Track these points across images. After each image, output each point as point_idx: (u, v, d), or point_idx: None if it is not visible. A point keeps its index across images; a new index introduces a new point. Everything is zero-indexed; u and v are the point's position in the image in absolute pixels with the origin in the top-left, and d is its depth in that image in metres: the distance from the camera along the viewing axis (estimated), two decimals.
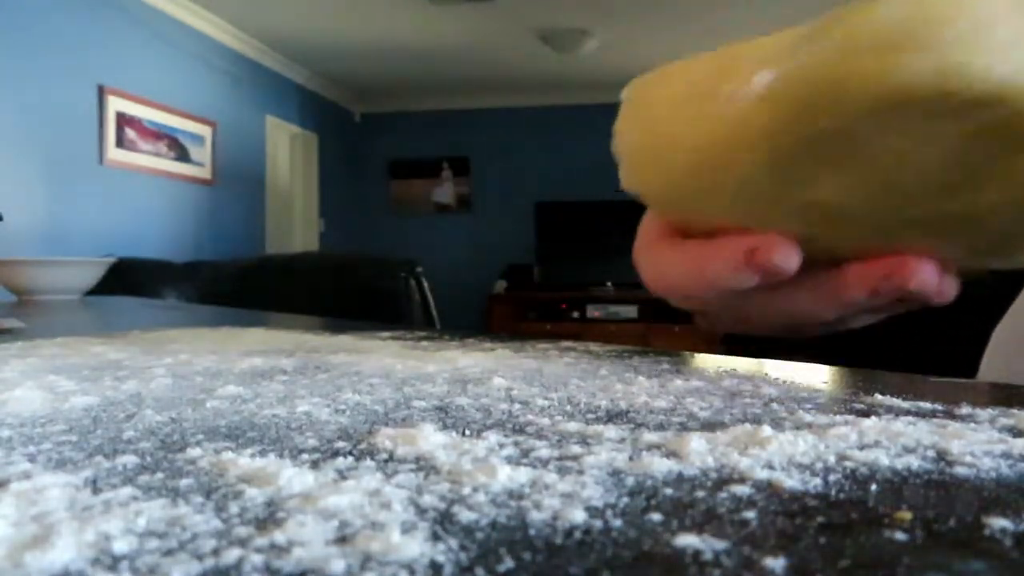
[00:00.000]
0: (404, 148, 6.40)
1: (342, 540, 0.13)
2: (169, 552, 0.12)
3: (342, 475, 0.17)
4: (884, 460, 0.19)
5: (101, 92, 3.89)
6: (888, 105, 0.21)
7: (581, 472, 0.18)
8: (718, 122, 0.24)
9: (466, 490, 0.16)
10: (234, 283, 2.45)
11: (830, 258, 0.26)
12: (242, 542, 0.13)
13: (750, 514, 0.15)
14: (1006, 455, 0.19)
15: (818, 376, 0.34)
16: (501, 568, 0.12)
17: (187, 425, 0.23)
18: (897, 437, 0.21)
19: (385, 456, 0.19)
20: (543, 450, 0.20)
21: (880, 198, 0.24)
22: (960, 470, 0.18)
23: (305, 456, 0.19)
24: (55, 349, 0.44)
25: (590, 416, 0.24)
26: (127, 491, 0.16)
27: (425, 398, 0.28)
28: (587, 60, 5.23)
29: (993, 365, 0.50)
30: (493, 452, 0.19)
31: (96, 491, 0.16)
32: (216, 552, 0.12)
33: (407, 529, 0.14)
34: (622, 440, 0.21)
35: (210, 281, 2.55)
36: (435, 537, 0.13)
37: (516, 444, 0.20)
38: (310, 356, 0.40)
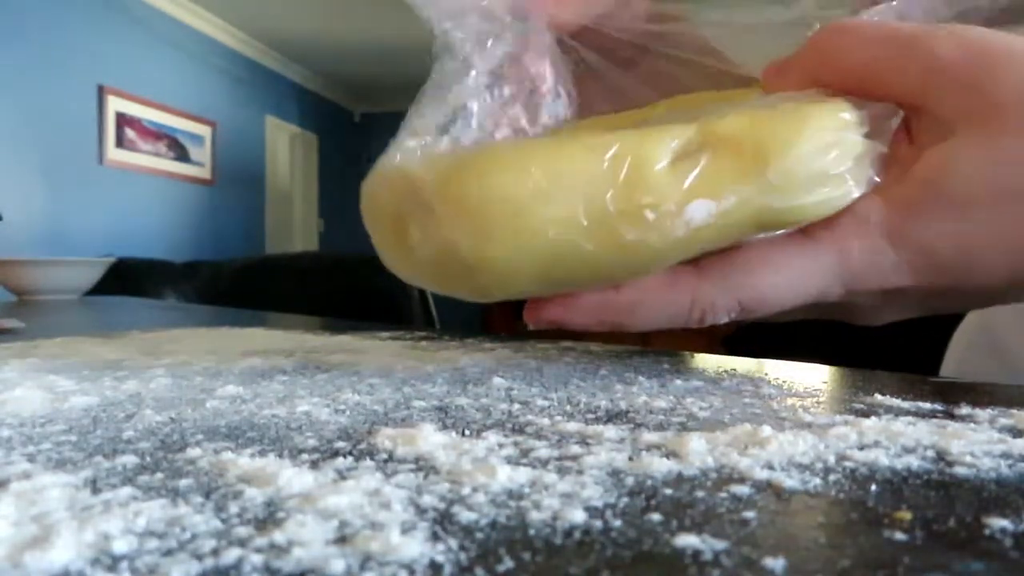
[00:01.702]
0: None
1: (342, 540, 0.13)
2: (169, 552, 0.12)
3: (342, 475, 0.17)
4: (884, 460, 0.19)
5: (101, 92, 3.89)
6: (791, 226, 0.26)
7: (581, 472, 0.18)
8: (631, 247, 0.24)
9: (466, 490, 0.16)
10: (234, 283, 2.45)
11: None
12: (242, 542, 0.13)
13: (750, 514, 0.15)
14: (1006, 455, 0.19)
15: (818, 376, 0.34)
16: (501, 568, 0.12)
17: (187, 425, 0.23)
18: (897, 437, 0.21)
19: (385, 456, 0.19)
20: (543, 450, 0.20)
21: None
22: (960, 470, 0.18)
23: (305, 456, 0.19)
24: (55, 349, 0.44)
25: (590, 416, 0.24)
26: (127, 491, 0.16)
27: (425, 398, 0.28)
28: None
29: (952, 366, 0.51)
30: (493, 452, 0.19)
31: (96, 491, 0.16)
32: (216, 552, 0.12)
33: (407, 529, 0.14)
34: (622, 440, 0.21)
35: (210, 281, 2.55)
36: (435, 537, 0.13)
37: (516, 444, 0.20)
38: (310, 356, 0.40)
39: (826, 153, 0.25)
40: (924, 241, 0.26)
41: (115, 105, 3.98)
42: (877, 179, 0.26)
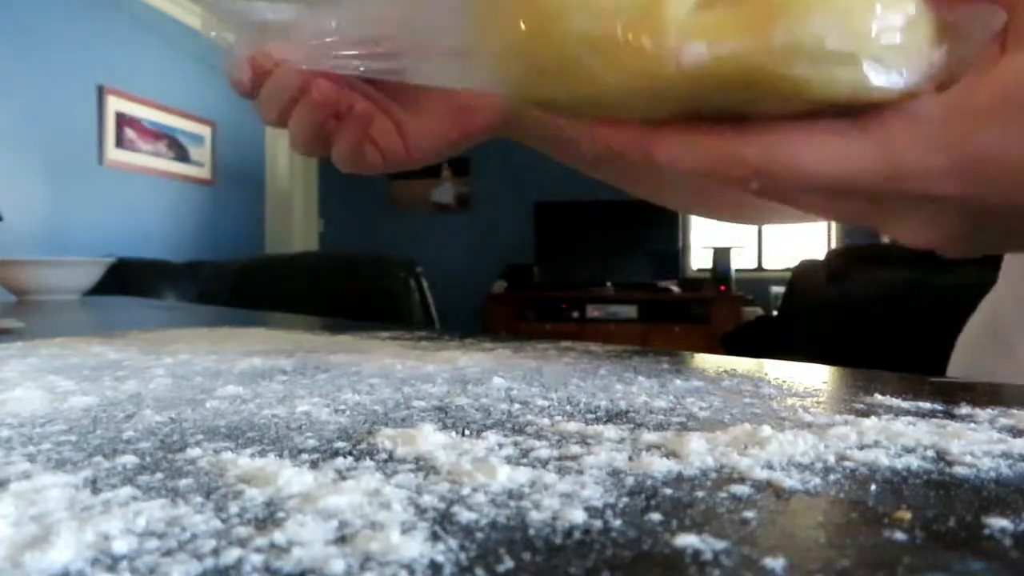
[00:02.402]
0: None
1: (342, 540, 0.13)
2: (169, 552, 0.12)
3: (342, 475, 0.17)
4: (884, 460, 0.19)
5: (101, 92, 3.89)
6: (798, 103, 0.25)
7: (581, 472, 0.18)
8: (632, 73, 0.25)
9: (466, 490, 0.16)
10: (234, 283, 2.45)
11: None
12: (242, 542, 0.13)
13: (750, 514, 0.15)
14: (1006, 455, 0.19)
15: (818, 376, 0.34)
16: (501, 568, 0.12)
17: (187, 425, 0.23)
18: (897, 437, 0.21)
19: (385, 456, 0.19)
20: (543, 450, 0.20)
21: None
22: (960, 470, 0.18)
23: (305, 456, 0.19)
24: (55, 349, 0.44)
25: (590, 416, 0.24)
26: (127, 491, 0.16)
27: (425, 398, 0.28)
28: None
29: (959, 367, 0.51)
30: (493, 452, 0.19)
31: (96, 491, 0.16)
32: (216, 552, 0.12)
33: (407, 529, 0.14)
34: (622, 440, 0.21)
35: (210, 281, 2.54)
36: (435, 537, 0.13)
37: (516, 444, 0.20)
38: (310, 356, 0.40)
39: (844, 30, 0.24)
40: (981, 149, 0.24)
41: (115, 105, 3.98)
42: (902, 78, 0.25)
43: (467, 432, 0.22)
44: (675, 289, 5.02)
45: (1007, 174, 0.25)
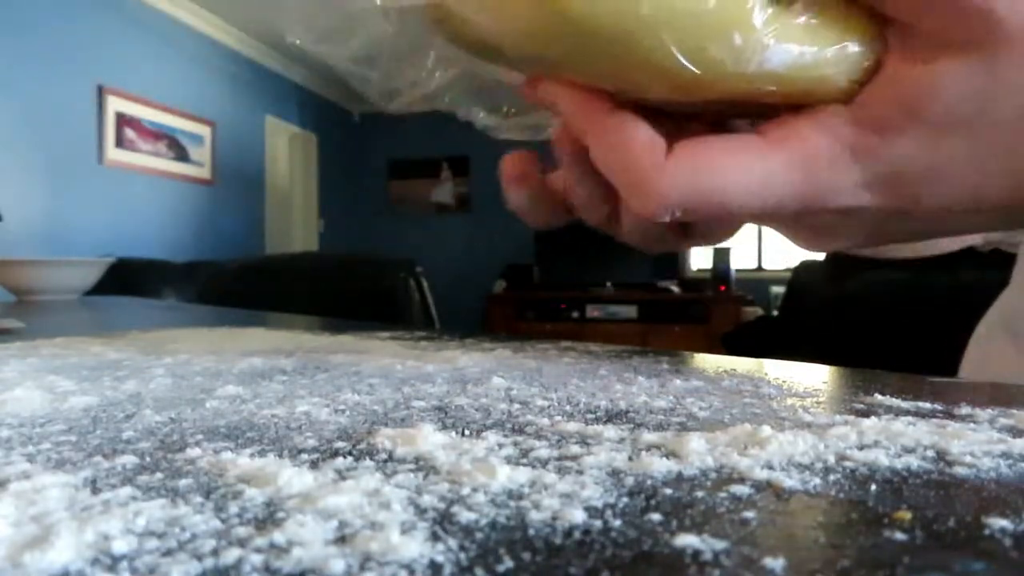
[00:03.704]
0: (404, 148, 6.40)
1: (341, 540, 0.13)
2: (168, 552, 0.12)
3: (341, 475, 0.17)
4: (884, 460, 0.19)
5: (101, 92, 3.90)
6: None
7: (580, 472, 0.18)
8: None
9: (465, 490, 0.16)
10: (234, 283, 2.45)
11: None
12: (241, 542, 0.13)
13: (750, 514, 0.15)
14: (1006, 455, 0.19)
15: (818, 376, 0.34)
16: (501, 568, 0.12)
17: (186, 425, 0.23)
18: (897, 437, 0.21)
19: (384, 456, 0.19)
20: (542, 450, 0.20)
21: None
22: (960, 470, 0.18)
23: (304, 456, 0.19)
24: (55, 349, 0.44)
25: (589, 416, 0.24)
26: (126, 491, 0.16)
27: (425, 398, 0.28)
28: None
29: (973, 363, 0.51)
30: (492, 452, 0.19)
31: (95, 491, 0.16)
32: (215, 552, 0.12)
33: (406, 529, 0.14)
34: (621, 440, 0.21)
35: (210, 281, 2.55)
36: (434, 537, 0.13)
37: (515, 444, 0.20)
38: (310, 356, 0.40)
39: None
40: (892, 161, 0.25)
41: (115, 105, 3.98)
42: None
43: (467, 432, 0.22)
44: (675, 289, 5.02)
45: (916, 182, 0.25)
